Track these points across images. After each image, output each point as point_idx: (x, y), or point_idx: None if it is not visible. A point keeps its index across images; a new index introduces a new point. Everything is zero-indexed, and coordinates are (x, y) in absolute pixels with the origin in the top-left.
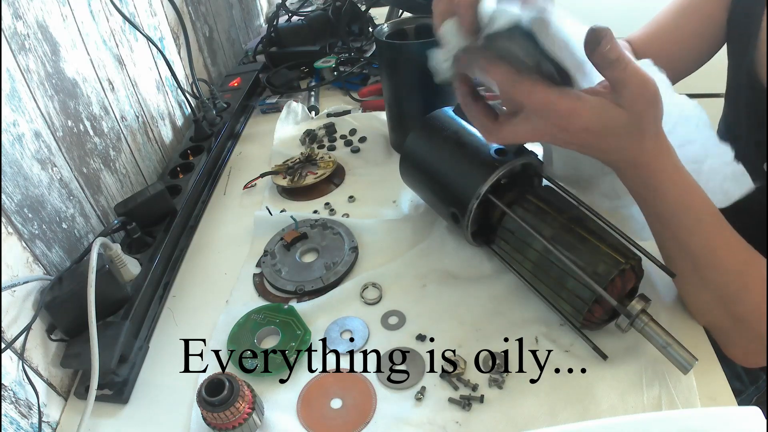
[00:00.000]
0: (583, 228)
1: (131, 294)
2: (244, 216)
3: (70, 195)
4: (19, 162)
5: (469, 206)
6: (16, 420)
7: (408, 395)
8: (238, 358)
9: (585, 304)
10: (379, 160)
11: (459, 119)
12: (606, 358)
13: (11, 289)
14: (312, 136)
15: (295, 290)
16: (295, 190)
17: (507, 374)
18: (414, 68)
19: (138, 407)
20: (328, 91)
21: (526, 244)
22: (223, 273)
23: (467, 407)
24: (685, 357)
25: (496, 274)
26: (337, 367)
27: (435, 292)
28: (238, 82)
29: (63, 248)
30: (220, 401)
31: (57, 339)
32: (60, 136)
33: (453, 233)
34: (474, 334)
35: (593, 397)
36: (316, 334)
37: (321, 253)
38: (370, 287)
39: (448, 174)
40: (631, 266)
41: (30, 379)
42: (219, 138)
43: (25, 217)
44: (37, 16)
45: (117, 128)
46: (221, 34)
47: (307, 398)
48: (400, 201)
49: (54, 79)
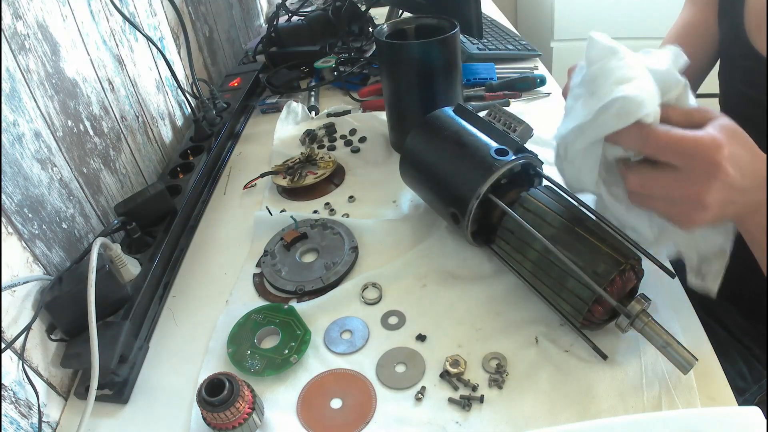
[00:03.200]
0: (583, 228)
1: (131, 294)
2: (244, 216)
3: (70, 195)
4: (19, 162)
5: (469, 206)
6: (16, 420)
7: (408, 395)
8: (238, 358)
9: (585, 304)
10: (379, 160)
11: (459, 119)
12: (606, 358)
13: (11, 289)
14: (312, 136)
15: (295, 290)
16: (295, 190)
17: (507, 374)
18: (414, 68)
19: (138, 407)
20: (328, 91)
21: (526, 244)
22: (223, 273)
23: (467, 407)
24: (685, 357)
25: (496, 274)
26: (337, 367)
27: (435, 292)
28: (238, 82)
29: (63, 248)
30: (220, 401)
31: (57, 339)
32: (60, 136)
33: (453, 233)
34: (474, 334)
35: (593, 397)
36: (316, 334)
37: (321, 253)
38: (370, 287)
39: (448, 174)
40: (631, 266)
41: (30, 379)
42: (219, 138)
43: (25, 217)
44: (37, 16)
45: (117, 128)
46: (221, 34)
47: (307, 398)
48: (400, 201)
49: (54, 79)
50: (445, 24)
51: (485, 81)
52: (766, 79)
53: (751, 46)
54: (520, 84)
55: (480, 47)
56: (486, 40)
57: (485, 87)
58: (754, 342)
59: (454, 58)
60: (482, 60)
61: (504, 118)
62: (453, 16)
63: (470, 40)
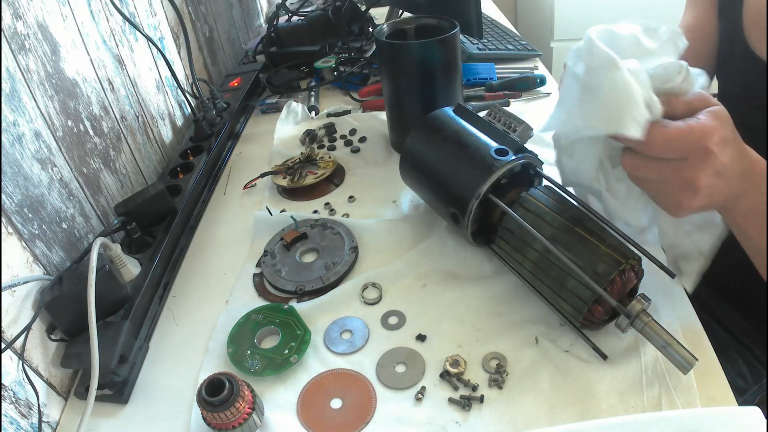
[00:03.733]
0: (583, 228)
1: (131, 294)
2: (244, 216)
3: (70, 195)
4: (19, 162)
5: (469, 206)
6: (16, 420)
7: (408, 395)
8: (238, 358)
9: (585, 304)
10: (379, 160)
11: (459, 119)
12: (606, 358)
13: (11, 289)
14: (312, 136)
15: (295, 290)
16: (295, 190)
17: (507, 374)
18: (414, 68)
19: (138, 407)
20: (328, 91)
21: (526, 244)
22: (223, 273)
23: (467, 407)
24: (685, 357)
25: (496, 274)
26: (337, 367)
27: (435, 292)
28: (238, 82)
29: (63, 248)
30: (220, 401)
31: (57, 339)
32: (60, 136)
33: (453, 233)
34: (474, 334)
35: (593, 397)
36: (316, 334)
37: (321, 253)
38: (370, 287)
39: (448, 174)
40: (631, 266)
41: (30, 379)
42: (219, 138)
43: (25, 217)
44: (37, 16)
45: (117, 128)
46: (221, 34)
47: (307, 398)
48: (400, 201)
49: (54, 79)
50: (445, 24)
51: (485, 81)
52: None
53: (749, 48)
54: (520, 84)
55: (480, 47)
56: (486, 40)
57: (485, 87)
58: (754, 342)
59: (454, 58)
60: (482, 60)
61: (504, 118)
62: (453, 16)
63: (470, 40)
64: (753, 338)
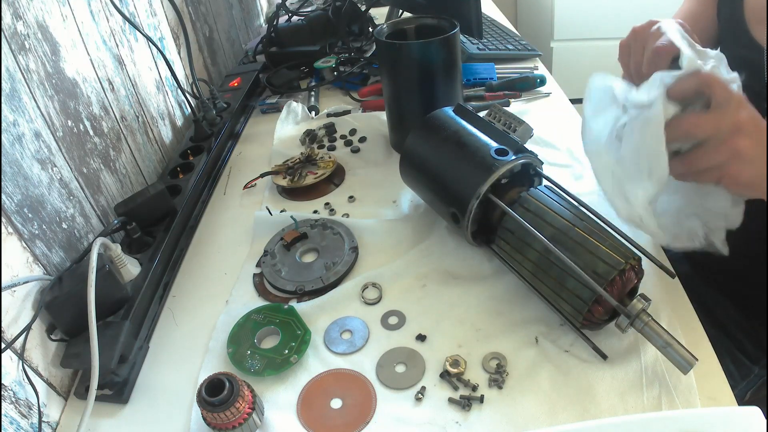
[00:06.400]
0: (584, 228)
1: (131, 294)
2: (244, 216)
3: (70, 195)
4: (19, 162)
5: (469, 206)
6: (16, 420)
7: (408, 395)
8: (238, 358)
9: (585, 304)
10: (379, 160)
11: (459, 119)
12: (606, 358)
13: (11, 289)
14: (312, 136)
15: (295, 290)
16: (295, 190)
17: (507, 374)
18: (414, 68)
19: (138, 407)
20: (328, 91)
21: (526, 244)
22: (223, 273)
23: (467, 407)
24: (685, 357)
25: (496, 274)
26: (337, 367)
27: (435, 292)
28: (238, 82)
29: (63, 248)
30: (220, 401)
31: (57, 339)
32: (60, 136)
33: (453, 233)
34: (474, 334)
35: (593, 397)
36: (316, 334)
37: (321, 253)
38: (370, 287)
39: (448, 174)
40: (631, 266)
41: (30, 379)
42: (219, 138)
43: (25, 217)
44: (37, 16)
45: (117, 128)
46: (221, 34)
47: (307, 398)
48: (400, 201)
49: (54, 79)
50: (445, 24)
51: (485, 81)
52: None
53: (750, 36)
54: (520, 84)
55: (480, 47)
56: (486, 40)
57: (485, 87)
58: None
59: (454, 58)
60: (482, 60)
61: (504, 118)
62: (453, 16)
63: (470, 40)
64: (746, 332)
